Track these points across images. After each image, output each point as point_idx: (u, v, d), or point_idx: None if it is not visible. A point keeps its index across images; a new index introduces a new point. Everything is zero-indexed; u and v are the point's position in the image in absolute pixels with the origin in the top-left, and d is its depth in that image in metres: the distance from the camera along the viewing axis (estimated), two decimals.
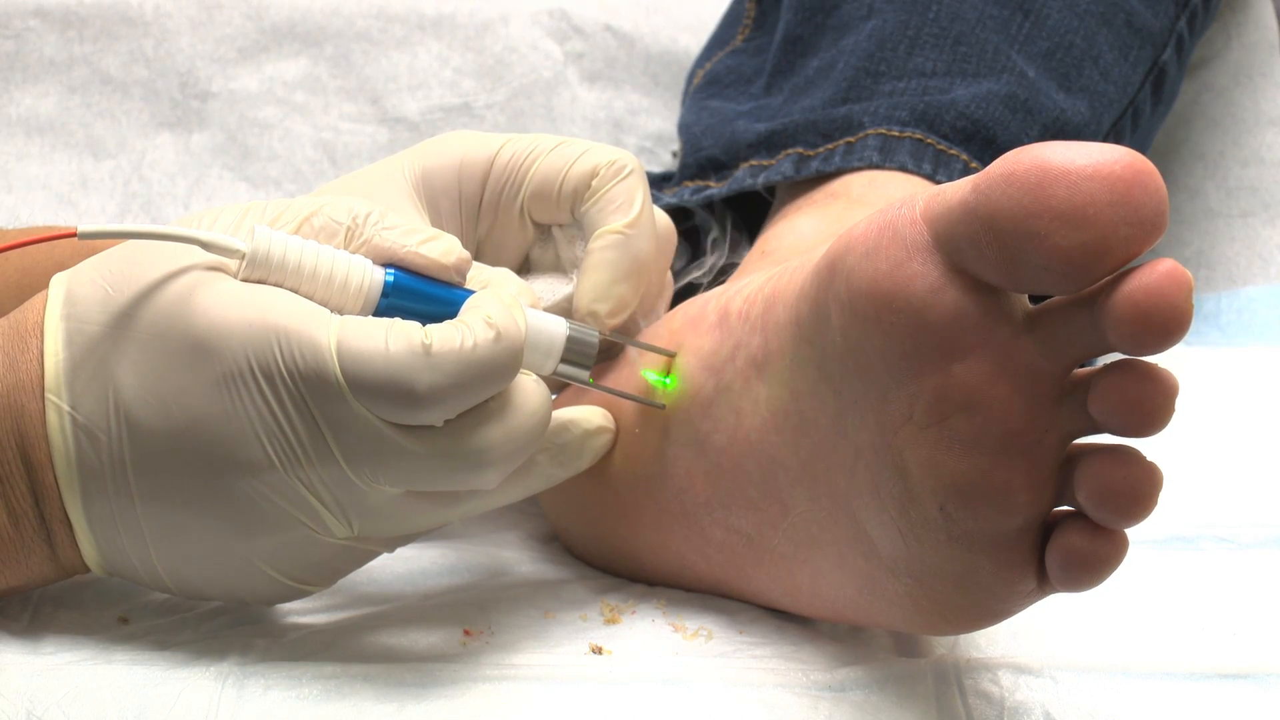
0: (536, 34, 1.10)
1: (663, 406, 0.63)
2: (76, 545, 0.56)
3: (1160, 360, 0.48)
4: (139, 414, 0.54)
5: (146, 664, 0.56)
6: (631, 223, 0.64)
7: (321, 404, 0.53)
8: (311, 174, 1.05)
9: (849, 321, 0.52)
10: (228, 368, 0.53)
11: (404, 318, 0.54)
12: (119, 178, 1.10)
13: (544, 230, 0.67)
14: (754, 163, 0.81)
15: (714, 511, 0.61)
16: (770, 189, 0.82)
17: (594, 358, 0.60)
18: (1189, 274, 0.47)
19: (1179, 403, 0.48)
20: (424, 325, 0.54)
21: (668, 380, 0.64)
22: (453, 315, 0.55)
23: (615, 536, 0.66)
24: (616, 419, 0.64)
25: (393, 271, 0.56)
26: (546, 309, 0.64)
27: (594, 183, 0.64)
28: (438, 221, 0.65)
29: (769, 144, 0.80)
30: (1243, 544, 0.69)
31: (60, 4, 1.11)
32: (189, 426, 0.54)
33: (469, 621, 0.61)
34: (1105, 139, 0.83)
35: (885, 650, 0.59)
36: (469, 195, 0.65)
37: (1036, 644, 0.59)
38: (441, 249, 0.56)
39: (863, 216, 0.53)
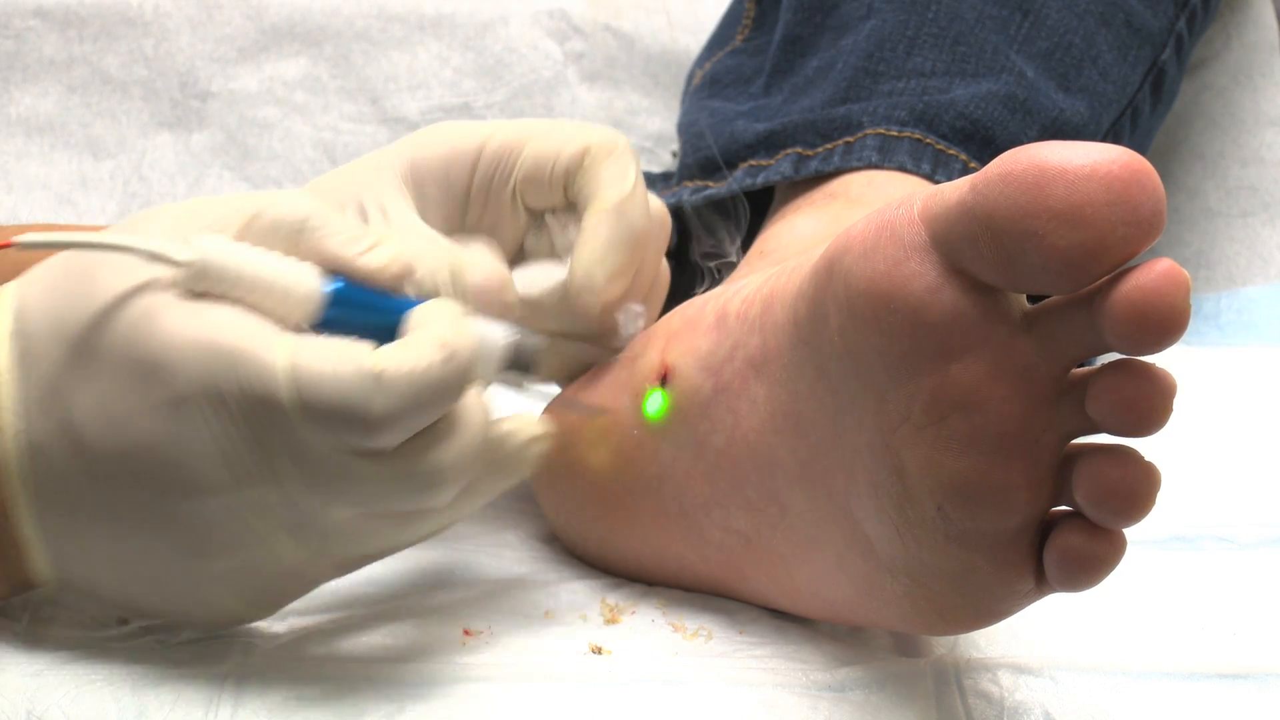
0: (536, 34, 1.10)
1: (604, 412, 0.63)
2: (31, 562, 0.55)
3: (1158, 360, 0.48)
4: (90, 435, 0.53)
5: (146, 664, 0.56)
6: (624, 198, 0.63)
7: (271, 428, 0.52)
8: (311, 174, 1.05)
9: (847, 321, 0.52)
10: (178, 391, 0.52)
11: (348, 326, 0.54)
12: (119, 178, 1.10)
13: (538, 218, 0.67)
14: (753, 163, 0.81)
15: (712, 512, 0.61)
16: (770, 189, 0.82)
17: (536, 365, 0.59)
18: (1186, 273, 0.47)
19: (1178, 402, 0.48)
20: (371, 340, 0.53)
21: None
22: (395, 324, 0.54)
23: (614, 537, 0.66)
24: (615, 419, 0.64)
25: (336, 280, 0.55)
26: (541, 294, 0.64)
27: (585, 161, 0.64)
28: (425, 210, 0.64)
29: (768, 144, 0.80)
30: (1243, 544, 0.69)
31: (60, 4, 1.11)
32: (141, 448, 0.53)
33: (469, 621, 0.61)
34: (1104, 139, 0.83)
35: (885, 650, 0.59)
36: (457, 183, 0.65)
37: (1036, 644, 0.59)
38: (381, 260, 0.55)
39: (861, 216, 0.53)
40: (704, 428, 0.61)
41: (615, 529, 0.65)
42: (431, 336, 0.53)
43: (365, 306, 0.55)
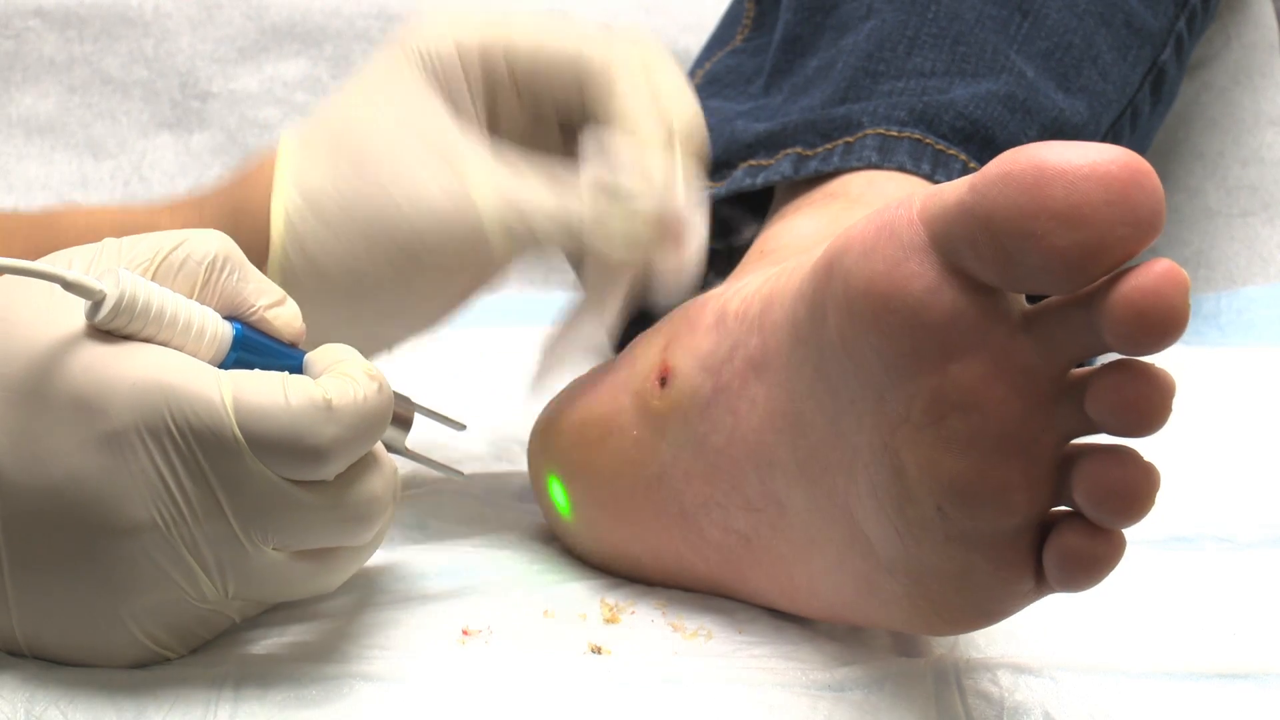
0: None
1: (464, 476, 0.65)
2: None
3: (1158, 360, 0.48)
4: (11, 473, 0.52)
5: (145, 664, 0.56)
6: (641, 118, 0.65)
7: (215, 462, 0.52)
8: None
9: (846, 322, 0.52)
10: (112, 426, 0.51)
11: (247, 369, 0.54)
12: (119, 178, 1.10)
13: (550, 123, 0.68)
14: (753, 163, 0.81)
15: (712, 512, 0.61)
16: (769, 189, 0.82)
17: (411, 424, 0.61)
18: (1185, 274, 0.47)
19: (1178, 403, 0.48)
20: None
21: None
22: (293, 368, 0.56)
23: (614, 537, 0.66)
24: (615, 418, 0.64)
25: (238, 325, 0.55)
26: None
27: (585, 82, 0.65)
28: (466, 118, 0.66)
29: (768, 144, 0.80)
30: (1243, 544, 0.69)
31: (60, 4, 1.11)
32: (66, 485, 0.52)
33: (468, 621, 0.61)
34: (1104, 139, 0.83)
35: (884, 650, 0.59)
36: (474, 79, 0.66)
37: (1036, 644, 0.59)
38: (285, 319, 0.56)
39: (861, 216, 0.53)
40: (703, 428, 0.61)
41: (614, 529, 0.65)
42: (358, 367, 0.54)
43: (267, 351, 0.56)
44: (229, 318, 0.55)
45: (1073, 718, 0.55)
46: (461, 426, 0.66)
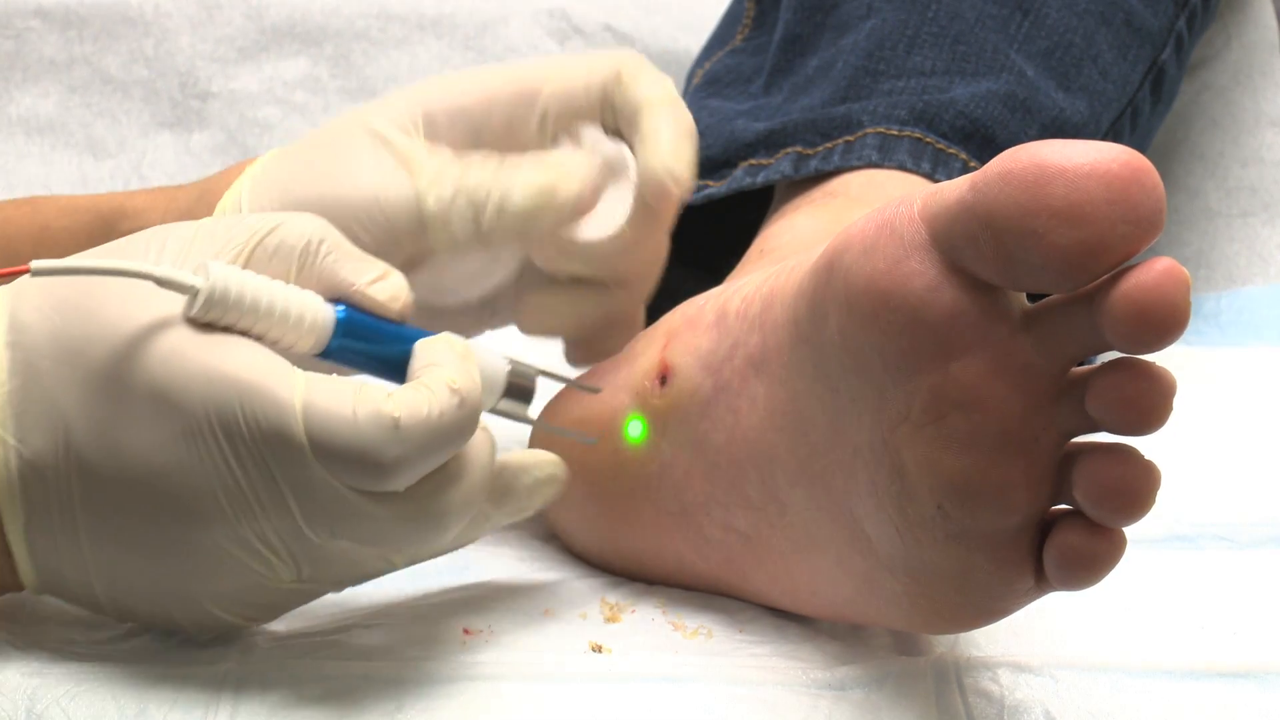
0: (537, 34, 1.10)
1: (594, 441, 0.63)
2: (14, 569, 0.55)
3: (1158, 359, 0.48)
4: (91, 457, 0.52)
5: (146, 663, 0.56)
6: (674, 95, 0.65)
7: (283, 465, 0.52)
8: None
9: (847, 320, 0.52)
10: (187, 422, 0.52)
11: (354, 355, 0.54)
12: (119, 178, 1.10)
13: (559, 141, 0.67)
14: (753, 162, 0.81)
15: (712, 511, 0.61)
16: (769, 188, 0.82)
17: (533, 393, 0.60)
18: (1186, 272, 0.47)
19: (1178, 402, 0.48)
20: (376, 372, 0.53)
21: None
22: (403, 354, 0.55)
23: (614, 536, 0.66)
24: (613, 418, 0.64)
25: (343, 308, 0.55)
26: (609, 236, 0.65)
27: (623, 79, 0.65)
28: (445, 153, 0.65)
29: (768, 143, 0.80)
30: (1242, 543, 0.69)
31: (60, 4, 1.11)
32: (144, 475, 0.52)
33: (469, 621, 0.61)
34: (1104, 138, 0.83)
35: (885, 648, 0.59)
36: (482, 129, 0.66)
37: (1036, 642, 0.59)
38: (389, 293, 0.56)
39: (861, 215, 0.53)
40: (704, 426, 0.61)
41: (615, 528, 0.65)
42: (441, 379, 0.53)
43: (372, 334, 0.55)
44: (333, 299, 0.55)
45: (1073, 717, 0.55)
46: (596, 390, 0.65)
